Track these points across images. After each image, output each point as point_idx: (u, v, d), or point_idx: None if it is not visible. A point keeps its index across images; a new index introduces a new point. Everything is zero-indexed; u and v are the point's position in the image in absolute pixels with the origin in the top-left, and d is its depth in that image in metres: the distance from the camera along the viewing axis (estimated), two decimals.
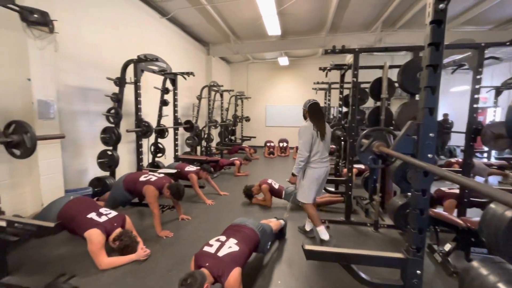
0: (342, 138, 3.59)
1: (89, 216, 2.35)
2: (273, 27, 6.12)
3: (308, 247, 1.53)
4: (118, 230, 2.39)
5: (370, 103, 5.17)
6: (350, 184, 3.12)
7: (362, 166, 4.91)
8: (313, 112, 2.68)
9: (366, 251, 1.48)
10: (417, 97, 2.87)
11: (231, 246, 1.88)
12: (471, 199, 2.88)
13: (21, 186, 2.90)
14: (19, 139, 1.89)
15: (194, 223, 3.23)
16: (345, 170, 4.44)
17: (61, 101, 3.31)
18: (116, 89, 3.82)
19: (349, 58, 8.00)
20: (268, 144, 8.72)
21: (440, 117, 8.31)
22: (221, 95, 8.05)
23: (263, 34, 7.19)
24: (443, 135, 7.14)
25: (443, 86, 2.06)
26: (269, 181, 3.86)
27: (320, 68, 4.31)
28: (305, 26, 6.78)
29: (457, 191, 2.99)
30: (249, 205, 3.87)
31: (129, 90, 3.96)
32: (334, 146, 7.23)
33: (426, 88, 1.32)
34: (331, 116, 7.02)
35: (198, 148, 6.91)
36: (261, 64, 10.57)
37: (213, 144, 7.96)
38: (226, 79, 10.37)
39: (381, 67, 3.23)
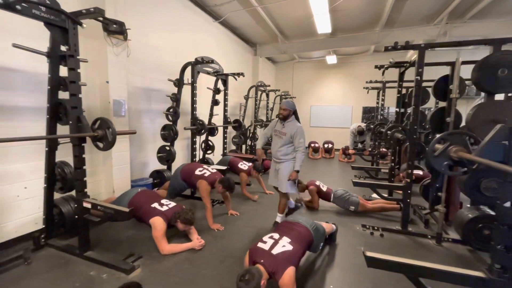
0: (401, 141, 3.32)
1: (153, 205, 2.61)
2: (323, 25, 5.96)
3: (370, 253, 1.46)
4: None
5: (429, 103, 4.72)
6: (409, 191, 2.88)
7: (420, 172, 4.49)
8: (296, 113, 3.04)
9: (439, 265, 1.35)
10: (496, 96, 2.52)
11: (285, 245, 1.90)
12: None
13: (97, 174, 3.34)
14: (103, 134, 2.18)
15: (242, 219, 3.34)
16: (401, 174, 4.13)
17: (129, 101, 3.71)
18: (175, 90, 4.14)
19: (410, 55, 7.37)
20: (312, 144, 8.54)
21: None
22: (267, 95, 8.13)
23: (312, 33, 7.04)
24: None
25: None
26: (317, 182, 3.78)
27: (376, 66, 4.05)
28: (357, 22, 6.45)
29: None
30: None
31: (185, 91, 4.26)
32: (385, 149, 6.81)
33: None
34: (380, 117, 6.55)
35: (243, 146, 7.09)
36: (307, 63, 10.38)
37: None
38: (272, 79, 10.43)
39: (448, 64, 2.91)
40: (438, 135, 1.54)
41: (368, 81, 6.18)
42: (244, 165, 4.36)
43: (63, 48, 2.21)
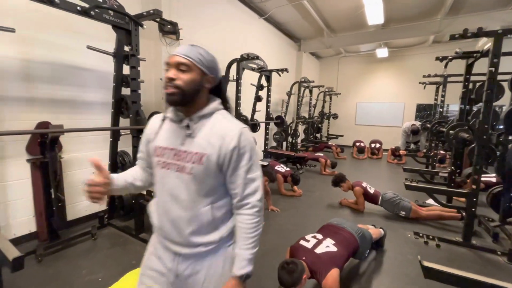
0: (467, 142, 2.94)
1: None
2: (374, 16, 5.54)
3: (427, 264, 1.32)
4: None
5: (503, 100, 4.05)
6: (475, 199, 2.53)
7: (493, 179, 3.91)
8: (222, 86, 2.57)
9: None
10: None
11: (329, 245, 1.83)
12: None
13: None
14: None
15: (283, 215, 3.32)
16: (468, 181, 3.65)
17: None
18: None
19: (482, 45, 6.47)
20: (357, 144, 8.07)
21: None
22: (310, 91, 7.92)
23: (361, 25, 6.61)
24: None
25: None
26: (364, 184, 3.56)
27: (437, 58, 3.63)
28: (414, 10, 5.85)
29: None
30: (339, 207, 3.69)
31: (230, 87, 4.38)
32: (443, 152, 6.10)
33: None
34: (438, 115, 5.86)
35: (284, 143, 7.04)
36: (354, 57, 9.81)
37: (299, 140, 7.95)
38: (315, 74, 10.12)
39: None
40: None
41: (425, 75, 5.58)
42: (281, 168, 4.31)
43: (126, 48, 2.45)
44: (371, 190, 3.50)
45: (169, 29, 3.19)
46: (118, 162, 2.73)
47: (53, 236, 2.37)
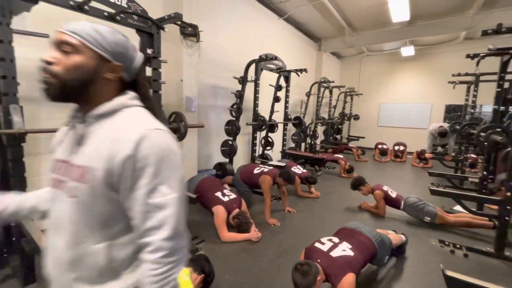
0: (500, 145, 2.73)
1: (216, 194, 2.80)
2: (400, 13, 5.32)
3: (451, 273, 1.25)
4: (237, 210, 2.73)
5: None
6: (510, 207, 2.34)
7: None
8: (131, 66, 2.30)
9: None
10: None
11: (345, 249, 1.79)
12: None
13: None
14: (177, 126, 2.44)
15: (299, 217, 3.28)
16: (503, 188, 3.39)
17: (199, 97, 4.04)
18: (239, 87, 4.33)
19: None
20: (379, 146, 7.78)
21: None
22: (331, 92, 7.76)
23: (385, 22, 6.38)
24: None
25: None
26: (385, 188, 3.42)
27: (468, 56, 3.41)
28: (443, 5, 5.54)
29: None
30: (358, 211, 3.58)
31: (248, 88, 4.41)
32: (475, 156, 5.70)
33: None
34: (468, 117, 5.49)
35: (303, 144, 6.96)
36: (376, 56, 9.47)
37: (318, 141, 7.82)
38: (336, 74, 9.91)
39: None
40: None
41: (455, 74, 5.26)
42: (298, 169, 4.26)
43: (148, 51, 2.55)
44: (393, 194, 3.36)
45: (190, 32, 3.28)
46: None
47: None
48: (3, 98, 1.64)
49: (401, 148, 7.63)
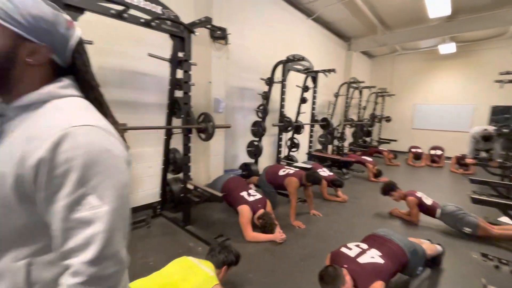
0: None
1: (241, 193, 2.84)
2: (439, 7, 4.96)
3: None
4: (262, 210, 2.75)
5: None
6: None
7: None
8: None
9: None
10: None
11: (374, 257, 1.71)
12: None
13: (198, 162, 3.88)
14: (205, 126, 2.53)
15: (324, 220, 3.21)
16: None
17: (226, 99, 4.13)
18: (265, 88, 4.36)
19: None
20: (413, 149, 7.32)
21: None
22: (360, 92, 7.48)
23: (421, 18, 6.00)
24: None
25: None
26: (419, 194, 3.22)
27: None
28: None
29: None
30: (388, 217, 3.40)
31: (275, 89, 4.41)
32: None
33: None
34: None
35: (330, 146, 6.79)
36: (411, 55, 8.93)
37: (346, 144, 7.57)
38: (366, 74, 9.52)
39: None
40: None
41: (503, 72, 4.78)
42: (323, 172, 4.14)
43: (180, 54, 2.67)
44: (428, 201, 3.14)
45: (219, 35, 3.37)
46: (171, 159, 2.99)
47: None
48: None
49: (439, 152, 7.10)
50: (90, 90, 0.61)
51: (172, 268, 1.53)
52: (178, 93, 2.78)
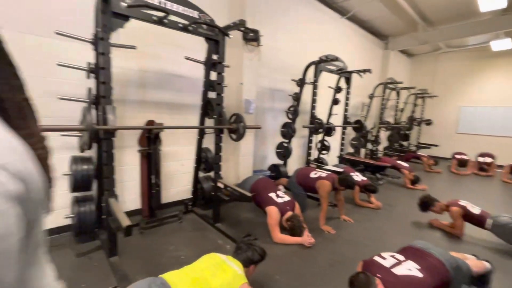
0: None
1: (270, 194, 2.84)
2: (493, 0, 4.51)
3: None
4: (290, 212, 2.72)
5: None
6: None
7: None
8: None
9: None
10: None
11: (411, 269, 1.60)
12: None
13: (228, 161, 3.96)
14: (236, 127, 2.58)
15: (355, 227, 3.08)
16: None
17: (257, 100, 4.17)
18: (296, 89, 4.31)
19: None
20: (457, 156, 6.71)
21: None
22: (398, 94, 7.05)
23: (470, 13, 5.50)
24: None
25: None
26: (462, 202, 2.94)
27: None
28: None
29: None
30: (427, 228, 3.16)
31: (306, 90, 4.35)
32: None
33: None
34: None
35: (362, 150, 6.49)
36: (457, 53, 8.19)
37: (380, 148, 7.19)
38: (405, 74, 8.95)
39: None
40: None
41: None
42: (356, 176, 3.93)
43: (214, 56, 2.75)
44: (475, 210, 2.86)
45: (251, 37, 3.42)
46: (203, 157, 3.10)
47: (152, 214, 2.88)
48: (102, 100, 1.99)
49: (488, 160, 6.42)
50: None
51: (202, 263, 1.58)
52: (211, 94, 2.88)
